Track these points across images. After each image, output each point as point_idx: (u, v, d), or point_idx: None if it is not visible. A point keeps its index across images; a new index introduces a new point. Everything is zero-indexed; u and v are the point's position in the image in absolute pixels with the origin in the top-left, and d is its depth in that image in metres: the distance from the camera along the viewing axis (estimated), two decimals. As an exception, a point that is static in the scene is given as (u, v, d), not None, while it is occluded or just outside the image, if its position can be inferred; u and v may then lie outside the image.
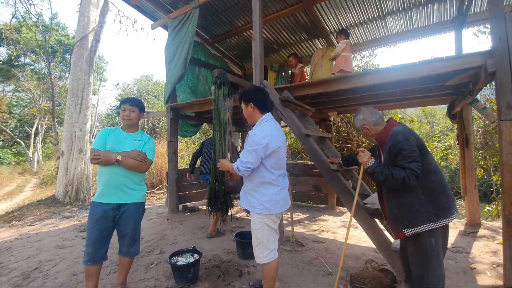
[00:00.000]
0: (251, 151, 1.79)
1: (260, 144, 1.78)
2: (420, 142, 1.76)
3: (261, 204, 1.86)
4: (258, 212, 1.87)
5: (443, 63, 2.49)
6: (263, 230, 1.88)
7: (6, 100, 20.76)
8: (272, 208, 1.86)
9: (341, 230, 3.95)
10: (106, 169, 2.09)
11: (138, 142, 2.23)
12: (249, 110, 1.96)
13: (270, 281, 1.93)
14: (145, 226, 4.19)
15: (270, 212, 1.86)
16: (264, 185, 1.88)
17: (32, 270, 2.82)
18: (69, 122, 6.64)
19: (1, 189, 11.09)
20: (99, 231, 2.03)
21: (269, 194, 1.87)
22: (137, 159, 2.10)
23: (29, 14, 11.33)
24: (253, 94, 1.96)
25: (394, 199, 1.79)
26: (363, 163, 1.82)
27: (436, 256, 1.71)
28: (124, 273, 2.25)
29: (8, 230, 4.43)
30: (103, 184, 2.08)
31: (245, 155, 1.82)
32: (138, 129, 2.35)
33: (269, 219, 1.88)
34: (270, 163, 1.86)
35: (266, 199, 1.86)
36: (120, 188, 2.09)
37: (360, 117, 1.92)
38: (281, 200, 1.91)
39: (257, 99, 1.94)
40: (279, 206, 1.91)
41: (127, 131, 2.26)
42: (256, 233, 1.91)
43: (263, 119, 1.94)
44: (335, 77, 3.16)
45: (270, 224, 1.89)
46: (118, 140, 2.16)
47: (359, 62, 8.63)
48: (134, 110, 2.23)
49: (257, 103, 1.94)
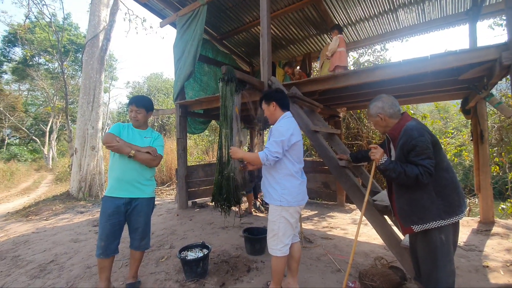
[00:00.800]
0: (278, 141, 1.88)
1: (285, 136, 1.89)
2: (434, 138, 1.72)
3: (282, 196, 1.92)
4: (278, 204, 1.92)
5: (456, 56, 2.42)
6: (280, 222, 1.93)
7: (22, 99, 21.46)
8: (292, 200, 1.92)
9: (350, 227, 3.92)
10: (118, 165, 2.17)
11: (148, 139, 2.31)
12: (272, 109, 2.09)
13: (278, 275, 1.96)
14: (155, 222, 4.28)
15: (289, 204, 1.91)
16: (286, 177, 1.94)
17: (48, 262, 2.93)
18: (82, 120, 6.80)
19: (18, 185, 11.51)
20: (111, 225, 2.10)
21: (290, 187, 1.93)
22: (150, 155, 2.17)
23: (42, 15, 11.60)
24: (275, 94, 2.12)
25: (404, 195, 1.76)
26: (375, 160, 1.77)
27: (446, 253, 1.68)
28: (135, 266, 2.32)
29: (26, 224, 4.60)
30: (115, 179, 2.15)
31: (272, 145, 1.90)
32: (147, 126, 2.42)
33: (287, 212, 1.93)
34: (292, 155, 1.95)
35: (287, 192, 1.92)
36: (132, 183, 2.17)
37: (378, 104, 1.84)
38: (300, 193, 1.98)
39: (278, 98, 2.09)
40: (299, 199, 1.96)
41: (138, 128, 2.34)
42: (272, 224, 1.96)
43: (285, 116, 2.07)
44: (344, 73, 3.11)
45: (288, 217, 1.93)
46: (130, 137, 2.24)
47: (370, 57, 8.47)
48: (140, 111, 2.28)
49: (278, 102, 2.08)
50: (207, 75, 5.61)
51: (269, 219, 2.00)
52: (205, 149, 11.32)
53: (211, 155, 10.59)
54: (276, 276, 1.98)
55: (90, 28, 7.06)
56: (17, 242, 3.63)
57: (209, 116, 5.81)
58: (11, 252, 3.30)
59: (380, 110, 1.83)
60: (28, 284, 2.49)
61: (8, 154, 19.28)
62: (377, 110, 1.85)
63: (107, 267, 2.17)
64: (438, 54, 2.52)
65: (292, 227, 1.98)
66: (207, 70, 5.61)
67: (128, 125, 2.33)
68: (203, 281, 2.37)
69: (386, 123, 1.85)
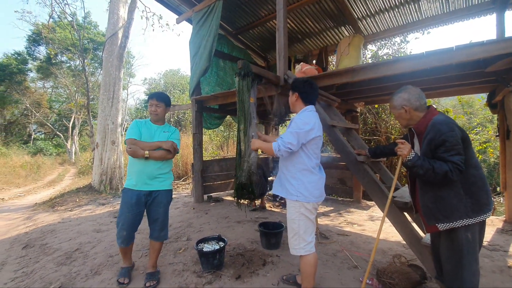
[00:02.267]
0: (294, 133, 1.82)
1: (303, 128, 1.82)
2: (464, 134, 1.63)
3: (299, 191, 1.86)
4: (295, 199, 1.86)
5: (483, 47, 2.28)
6: (299, 220, 1.87)
7: (46, 96, 22.52)
8: (309, 196, 1.86)
9: (367, 224, 3.85)
10: (138, 159, 2.25)
11: (166, 134, 2.41)
12: (293, 99, 2.03)
13: (308, 278, 1.88)
14: (172, 214, 4.39)
15: (307, 200, 1.85)
16: (304, 172, 1.88)
17: (74, 251, 3.08)
18: (102, 115, 7.04)
19: (44, 178, 12.14)
20: (133, 215, 2.24)
21: (307, 182, 1.87)
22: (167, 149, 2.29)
23: (64, 14, 12.03)
24: (300, 85, 2.01)
25: (429, 192, 1.69)
26: (402, 156, 1.67)
27: (472, 252, 1.61)
28: (155, 256, 2.42)
29: (52, 215, 4.86)
30: (136, 173, 2.26)
31: (287, 136, 1.84)
32: (164, 122, 2.51)
33: (306, 208, 1.86)
34: (310, 150, 1.89)
35: (305, 187, 1.86)
36: (151, 177, 2.28)
37: (405, 96, 1.75)
38: (318, 189, 1.91)
39: (302, 91, 1.99)
40: (316, 195, 1.89)
41: (156, 124, 2.43)
42: (292, 223, 1.90)
43: (306, 109, 1.98)
44: (363, 66, 3.03)
45: (307, 214, 1.87)
46: (150, 132, 2.35)
47: (389, 50, 8.17)
48: (160, 105, 2.39)
49: (301, 94, 1.99)
50: (223, 70, 5.64)
51: (288, 217, 1.95)
52: (220, 144, 11.43)
53: (226, 150, 10.68)
54: (306, 280, 1.88)
55: (110, 26, 7.25)
56: (44, 231, 3.84)
57: (224, 111, 5.85)
58: (39, 240, 3.50)
59: (405, 102, 1.75)
60: (55, 270, 2.63)
61: (35, 148, 20.33)
62: (402, 101, 1.76)
63: (129, 252, 2.43)
64: (463, 45, 2.40)
65: (313, 223, 1.93)
66: (222, 65, 5.64)
67: (146, 121, 2.42)
68: (219, 273, 2.42)
69: (410, 116, 1.77)
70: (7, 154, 13.82)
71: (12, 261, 2.96)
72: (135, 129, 2.31)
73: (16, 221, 4.64)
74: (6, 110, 20.37)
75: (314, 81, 2.06)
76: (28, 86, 20.94)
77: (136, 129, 2.31)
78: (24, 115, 21.75)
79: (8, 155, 13.84)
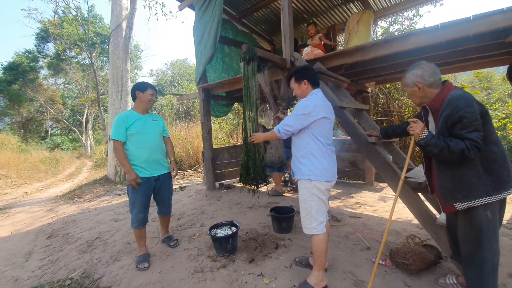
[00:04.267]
0: (294, 116, 1.90)
1: (303, 112, 1.87)
2: (483, 108, 1.55)
3: (310, 170, 1.89)
4: (307, 178, 1.89)
5: (504, 15, 2.10)
6: (311, 200, 1.89)
7: (59, 92, 23.06)
8: (321, 175, 1.87)
9: (379, 205, 3.81)
10: (145, 149, 2.44)
11: (155, 122, 2.59)
12: (303, 87, 2.05)
13: (321, 255, 1.91)
14: (185, 202, 4.49)
15: (319, 178, 1.86)
16: (315, 153, 1.91)
17: (94, 239, 3.22)
18: (112, 108, 7.15)
19: (63, 171, 12.63)
20: (146, 198, 2.51)
21: (318, 162, 1.89)
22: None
23: (68, 9, 12.04)
24: (305, 71, 2.06)
25: (446, 171, 1.63)
26: (415, 135, 1.61)
27: (492, 231, 1.57)
28: (166, 226, 2.91)
29: (72, 206, 5.07)
30: (145, 161, 2.44)
31: (288, 118, 1.94)
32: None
33: (318, 189, 1.88)
34: (316, 132, 1.90)
35: (316, 166, 1.88)
36: (158, 162, 2.54)
37: (418, 72, 1.66)
38: (330, 169, 1.92)
39: (309, 76, 2.04)
40: (329, 175, 1.91)
41: (144, 113, 2.55)
42: (304, 203, 1.94)
43: (313, 93, 2.02)
44: (373, 43, 2.89)
45: (319, 194, 1.89)
46: (142, 123, 2.48)
47: (401, 26, 7.78)
48: (156, 95, 2.66)
49: (310, 79, 2.03)
50: (228, 56, 5.54)
51: (300, 198, 1.97)
52: (229, 132, 11.44)
53: (235, 138, 10.70)
54: (318, 258, 1.91)
55: (113, 18, 7.22)
56: (66, 222, 4.03)
57: (232, 98, 5.80)
58: (62, 230, 3.68)
59: (419, 78, 1.66)
60: (78, 258, 2.77)
61: (52, 143, 21.09)
62: (415, 78, 1.68)
63: (144, 234, 2.61)
64: (481, 14, 2.23)
65: (325, 204, 1.94)
66: (227, 51, 5.53)
67: (130, 113, 2.49)
68: (233, 257, 2.47)
69: (424, 93, 1.69)
70: (26, 150, 14.39)
71: (38, 250, 3.13)
72: (120, 129, 2.38)
73: (40, 213, 4.87)
74: (23, 108, 21.05)
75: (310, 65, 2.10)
76: (41, 83, 21.47)
77: (122, 128, 2.38)
78: (40, 112, 22.44)
79: (28, 151, 14.41)
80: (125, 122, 2.39)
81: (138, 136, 2.42)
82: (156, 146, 2.52)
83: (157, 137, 2.57)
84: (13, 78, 19.47)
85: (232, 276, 2.20)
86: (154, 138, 2.51)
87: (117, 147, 2.38)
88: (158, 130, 2.60)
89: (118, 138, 2.37)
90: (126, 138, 2.40)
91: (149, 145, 2.46)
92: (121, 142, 2.38)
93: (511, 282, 1.94)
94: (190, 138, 9.74)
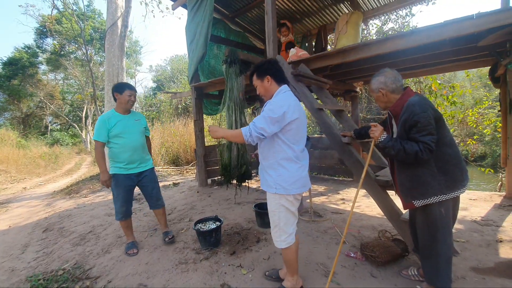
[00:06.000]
0: (267, 117, 1.63)
1: (277, 113, 1.62)
2: (438, 114, 1.69)
3: (278, 184, 1.71)
4: (273, 192, 1.73)
5: (473, 21, 2.23)
6: (279, 212, 1.75)
7: (58, 88, 23.13)
8: (289, 188, 1.70)
9: (363, 202, 3.96)
10: (127, 149, 2.57)
11: (138, 122, 2.69)
12: (266, 84, 1.80)
13: (293, 264, 1.84)
14: (177, 198, 4.64)
15: (287, 192, 1.70)
16: (283, 162, 1.71)
17: (87, 233, 3.38)
18: (108, 106, 7.25)
19: (63, 167, 12.80)
20: (128, 193, 2.66)
21: (287, 173, 1.70)
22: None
23: (65, 5, 12.07)
24: (268, 66, 1.81)
25: (405, 171, 1.78)
26: (374, 138, 1.77)
27: (445, 225, 1.71)
28: (163, 219, 2.97)
29: (68, 201, 5.23)
30: (126, 160, 2.58)
31: (260, 120, 1.65)
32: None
33: (286, 200, 1.73)
34: (288, 137, 1.70)
35: (284, 178, 1.70)
36: (140, 160, 2.66)
37: (381, 79, 1.79)
38: (300, 179, 1.74)
39: (273, 71, 1.80)
40: (298, 186, 1.73)
41: (125, 114, 2.65)
42: (272, 215, 1.79)
43: (281, 91, 1.78)
44: (353, 46, 3.00)
45: (288, 205, 1.74)
46: (124, 124, 2.58)
47: (394, 25, 7.84)
48: (135, 94, 2.69)
49: (273, 75, 1.79)
50: (214, 58, 5.57)
51: (268, 209, 1.83)
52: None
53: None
54: (290, 267, 1.86)
55: (109, 16, 7.29)
56: (62, 216, 4.19)
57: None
58: (57, 224, 3.84)
59: (382, 85, 1.80)
60: (71, 250, 2.92)
61: (52, 139, 21.23)
62: (379, 85, 1.82)
63: (130, 225, 2.80)
64: (453, 20, 2.34)
65: (294, 215, 1.80)
66: (216, 52, 5.59)
67: (112, 114, 2.59)
68: (216, 250, 2.63)
69: (387, 99, 1.83)
70: (26, 146, 14.56)
71: (34, 243, 3.29)
72: (102, 130, 2.50)
73: (37, 208, 5.04)
74: (22, 103, 21.15)
75: (275, 59, 1.92)
76: (41, 78, 21.52)
77: (103, 130, 2.50)
78: (40, 108, 22.55)
79: (27, 146, 14.57)
80: (106, 123, 2.51)
81: (119, 137, 2.54)
82: (138, 145, 2.63)
83: (139, 136, 2.67)
84: (13, 73, 19.53)
85: (213, 267, 2.35)
86: (136, 137, 2.62)
87: (97, 147, 2.53)
88: (140, 129, 2.69)
89: (98, 139, 2.50)
90: (107, 139, 2.52)
91: (130, 145, 2.57)
92: (101, 143, 2.51)
93: (472, 275, 2.08)
94: (187, 134, 9.85)
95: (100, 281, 2.29)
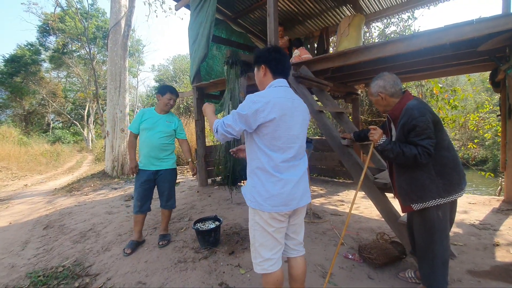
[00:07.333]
0: (235, 114, 1.37)
1: (246, 109, 1.33)
2: (436, 118, 1.71)
3: (252, 196, 1.42)
4: (248, 204, 1.46)
5: (473, 26, 2.25)
6: (254, 230, 1.44)
7: (61, 86, 23.24)
8: (263, 203, 1.37)
9: (362, 204, 3.97)
10: (146, 144, 2.67)
11: (168, 123, 2.75)
12: (261, 75, 1.52)
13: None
14: (177, 197, 4.61)
15: (261, 208, 1.38)
16: (257, 172, 1.41)
17: (87, 230, 3.41)
18: (111, 104, 7.31)
19: (64, 165, 12.85)
20: (144, 189, 2.73)
21: (260, 186, 1.39)
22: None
23: (68, 4, 12.14)
24: (266, 54, 1.49)
25: (404, 174, 1.80)
26: (373, 141, 1.79)
27: (443, 229, 1.73)
28: (165, 221, 2.95)
29: (69, 199, 5.26)
30: (144, 155, 2.71)
31: (228, 117, 1.41)
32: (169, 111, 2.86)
33: (261, 217, 1.40)
34: (265, 142, 1.37)
35: (257, 191, 1.40)
36: (156, 158, 2.70)
37: (380, 83, 1.81)
38: (278, 196, 1.36)
39: (270, 59, 1.48)
40: (275, 203, 1.36)
41: (160, 113, 2.76)
42: (250, 230, 1.49)
43: (272, 85, 1.47)
44: (354, 49, 3.02)
45: (262, 224, 1.40)
46: (153, 121, 2.69)
47: (396, 28, 7.86)
48: (175, 99, 2.79)
49: (269, 64, 1.48)
50: (213, 59, 5.59)
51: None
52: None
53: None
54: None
55: (112, 15, 7.34)
56: (62, 213, 4.21)
57: (226, 97, 5.93)
58: (58, 221, 3.86)
59: (381, 89, 1.82)
60: (71, 247, 2.95)
61: (54, 137, 21.32)
62: (378, 89, 1.84)
63: (141, 221, 2.81)
64: (453, 25, 2.37)
65: (274, 239, 1.42)
66: (215, 53, 5.60)
67: (150, 111, 2.76)
68: (215, 249, 2.64)
69: (387, 102, 1.85)
70: (28, 143, 14.62)
71: (35, 240, 3.32)
72: (135, 123, 2.70)
73: (38, 205, 5.07)
74: (25, 100, 21.25)
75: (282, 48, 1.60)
76: (43, 76, 21.63)
77: (137, 122, 2.69)
78: (42, 105, 22.65)
79: (29, 144, 14.63)
80: (140, 117, 2.72)
81: (145, 132, 2.70)
82: (157, 144, 2.68)
83: (162, 136, 2.71)
84: (15, 71, 19.62)
85: (212, 266, 2.37)
86: (157, 136, 2.68)
87: (129, 137, 2.79)
88: (166, 130, 2.74)
89: (131, 129, 2.73)
90: (138, 131, 2.71)
91: (150, 142, 2.67)
92: (134, 134, 2.74)
93: (468, 278, 2.09)
94: (188, 134, 9.87)
95: (99, 279, 2.31)
